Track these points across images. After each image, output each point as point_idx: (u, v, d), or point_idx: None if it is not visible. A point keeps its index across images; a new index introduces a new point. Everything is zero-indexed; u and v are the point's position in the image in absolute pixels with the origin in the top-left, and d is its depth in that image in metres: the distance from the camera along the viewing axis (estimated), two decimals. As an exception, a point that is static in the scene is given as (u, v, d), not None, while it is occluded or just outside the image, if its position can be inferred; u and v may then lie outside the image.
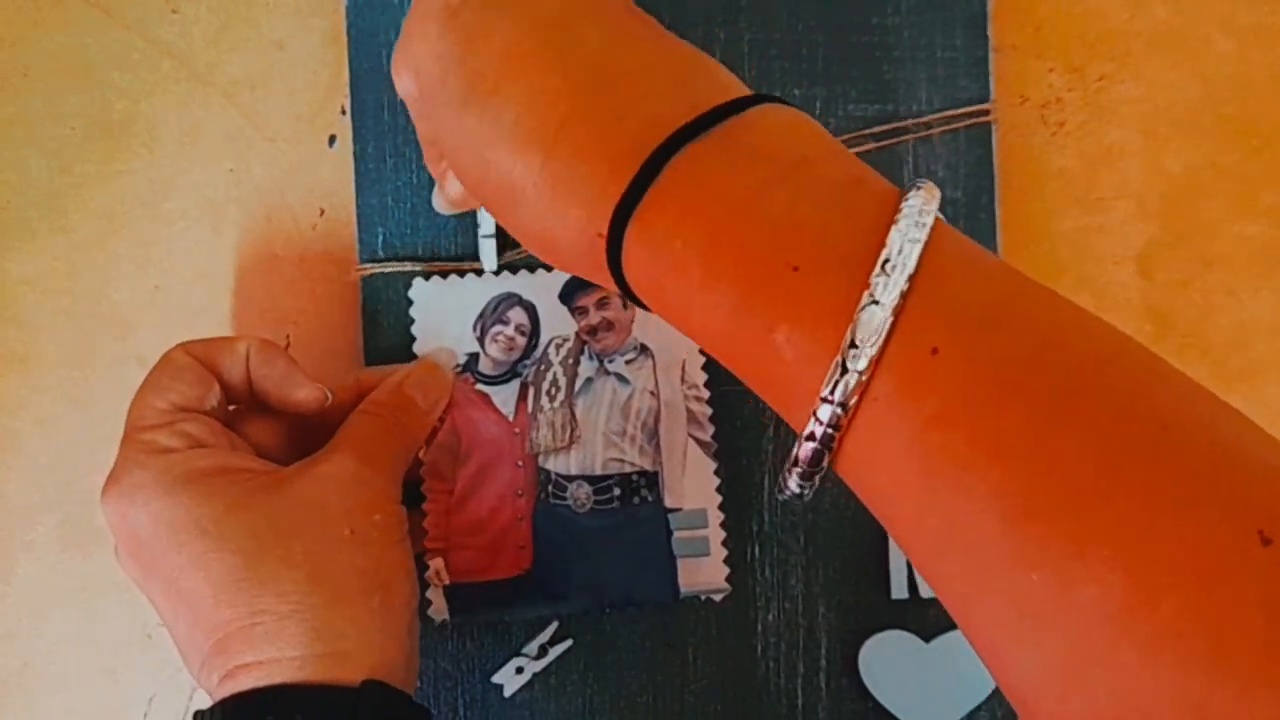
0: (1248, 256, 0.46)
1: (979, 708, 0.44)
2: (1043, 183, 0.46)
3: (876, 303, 0.23)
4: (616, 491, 0.43)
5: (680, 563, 0.43)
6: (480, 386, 0.43)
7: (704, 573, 0.43)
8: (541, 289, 0.43)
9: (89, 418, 0.45)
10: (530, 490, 0.43)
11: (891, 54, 0.44)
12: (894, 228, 0.24)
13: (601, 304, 0.43)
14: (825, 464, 0.25)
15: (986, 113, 0.44)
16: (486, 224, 0.43)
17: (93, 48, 0.45)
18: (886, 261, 0.23)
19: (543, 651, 0.44)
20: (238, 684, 0.34)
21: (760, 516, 0.44)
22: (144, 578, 0.36)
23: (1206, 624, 0.20)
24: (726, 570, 0.43)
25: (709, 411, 0.43)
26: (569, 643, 0.44)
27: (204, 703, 0.35)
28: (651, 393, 0.43)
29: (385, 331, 0.44)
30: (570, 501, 0.43)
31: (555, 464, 0.43)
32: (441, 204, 0.41)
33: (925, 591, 0.44)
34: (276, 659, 0.34)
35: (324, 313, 0.45)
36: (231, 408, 0.40)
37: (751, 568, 0.44)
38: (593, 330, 0.43)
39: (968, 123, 0.44)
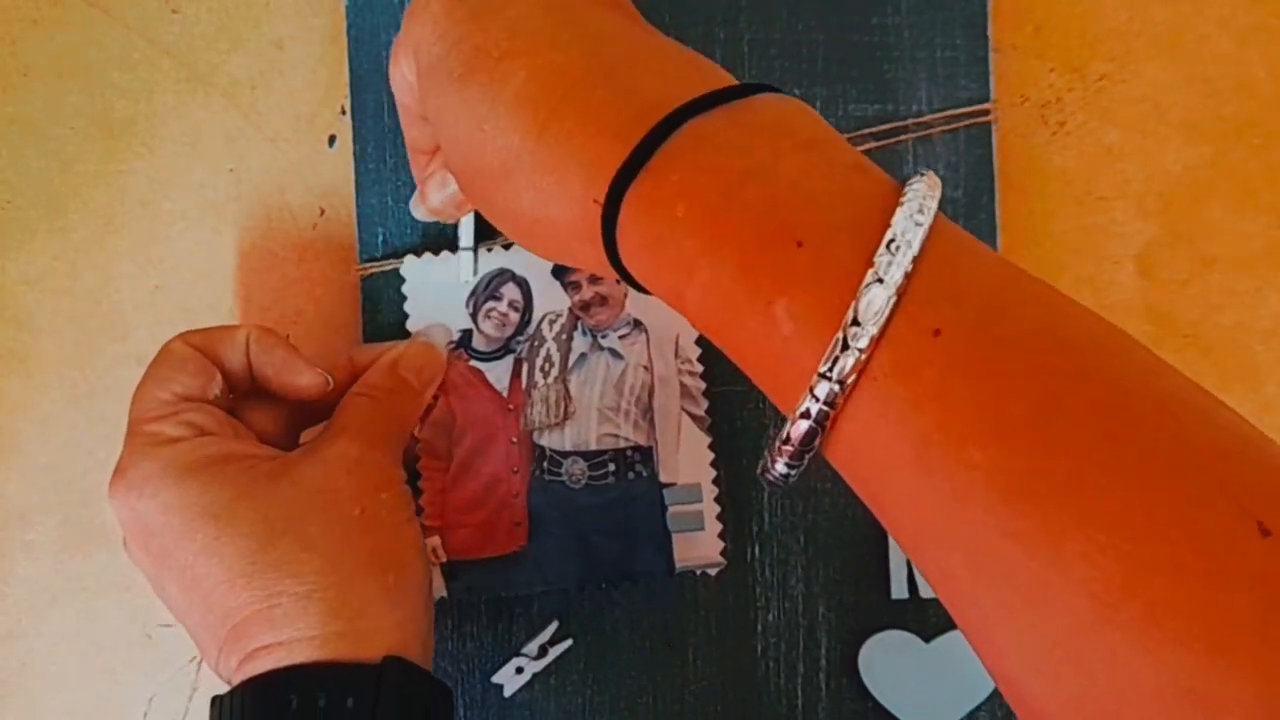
0: (1248, 256, 0.46)
1: (979, 708, 0.44)
2: (1043, 183, 0.46)
3: (880, 281, 0.23)
4: (611, 467, 0.42)
5: (675, 538, 0.42)
6: (474, 363, 0.43)
7: (699, 547, 0.43)
8: (534, 264, 0.43)
9: (89, 418, 0.45)
10: (525, 467, 0.42)
11: (891, 54, 0.44)
12: (899, 209, 0.24)
13: (595, 279, 0.43)
14: (817, 444, 0.25)
15: (986, 113, 0.44)
16: (465, 236, 0.43)
17: (93, 48, 0.45)
18: (891, 242, 0.23)
19: (543, 651, 0.44)
20: (257, 666, 0.34)
21: (760, 517, 0.44)
22: (155, 569, 0.36)
23: (1198, 605, 0.20)
24: (721, 545, 0.43)
25: (703, 386, 0.43)
26: (569, 643, 0.44)
27: (206, 704, 0.35)
28: (645, 368, 0.43)
29: (386, 331, 0.44)
30: (565, 477, 0.42)
31: (550, 440, 0.43)
32: (421, 211, 0.41)
33: (925, 591, 0.44)
34: (296, 639, 0.34)
35: (324, 313, 0.45)
36: (232, 395, 0.40)
37: (751, 568, 0.44)
38: (586, 305, 0.43)
39: (968, 123, 0.44)
